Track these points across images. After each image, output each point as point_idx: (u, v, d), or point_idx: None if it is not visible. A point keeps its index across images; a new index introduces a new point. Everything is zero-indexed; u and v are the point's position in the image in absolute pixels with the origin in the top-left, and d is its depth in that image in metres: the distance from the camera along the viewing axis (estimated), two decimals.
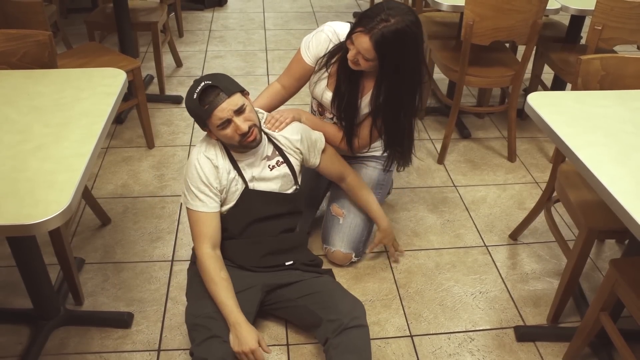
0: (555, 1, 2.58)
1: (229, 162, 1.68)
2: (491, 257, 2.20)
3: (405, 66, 1.72)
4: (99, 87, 1.65)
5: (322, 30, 1.90)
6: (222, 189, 1.66)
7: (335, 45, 1.87)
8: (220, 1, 4.79)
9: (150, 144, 2.80)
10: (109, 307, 1.92)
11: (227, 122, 1.57)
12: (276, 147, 1.76)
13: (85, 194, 2.18)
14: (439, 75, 3.39)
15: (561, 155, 1.91)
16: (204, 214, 1.64)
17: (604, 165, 1.35)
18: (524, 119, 3.15)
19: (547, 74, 3.15)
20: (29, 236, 1.63)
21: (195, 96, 1.55)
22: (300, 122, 1.87)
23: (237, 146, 1.63)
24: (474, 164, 2.77)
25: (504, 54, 2.82)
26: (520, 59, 2.61)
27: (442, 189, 2.58)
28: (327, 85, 1.95)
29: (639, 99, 1.67)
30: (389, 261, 2.15)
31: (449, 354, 1.80)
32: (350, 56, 1.73)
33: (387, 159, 2.01)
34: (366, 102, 1.90)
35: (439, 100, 3.27)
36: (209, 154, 1.65)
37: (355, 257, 2.08)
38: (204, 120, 1.59)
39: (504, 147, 2.90)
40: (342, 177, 1.98)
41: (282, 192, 1.77)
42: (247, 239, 1.76)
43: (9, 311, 1.89)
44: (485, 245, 2.26)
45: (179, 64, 3.69)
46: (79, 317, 1.86)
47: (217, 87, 1.55)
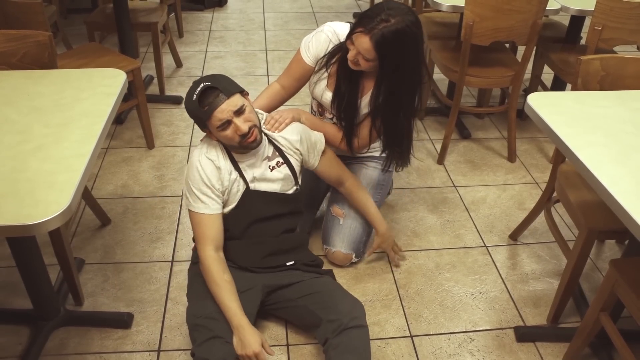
0: (555, 1, 2.58)
1: (230, 163, 1.67)
2: (491, 257, 2.20)
3: (405, 66, 1.72)
4: (99, 88, 1.65)
5: (322, 30, 1.91)
6: (224, 190, 1.66)
7: (335, 45, 1.88)
8: (220, 1, 4.79)
9: (150, 145, 2.80)
10: (109, 308, 1.92)
11: (227, 123, 1.56)
12: (276, 147, 1.76)
13: (85, 195, 2.18)
14: (439, 75, 3.39)
15: (561, 155, 1.91)
16: (207, 216, 1.64)
17: (604, 165, 1.35)
18: (524, 120, 3.15)
19: (547, 75, 3.15)
20: (29, 236, 1.63)
21: (194, 97, 1.55)
22: (299, 122, 1.87)
23: (237, 147, 1.63)
24: (474, 165, 2.77)
25: (503, 55, 2.82)
26: (520, 60, 2.61)
27: (442, 190, 2.58)
28: (326, 85, 1.95)
29: (639, 100, 1.67)
30: (389, 262, 2.15)
31: (449, 354, 1.80)
32: (350, 56, 1.73)
33: (386, 159, 2.01)
34: (366, 102, 1.90)
35: (438, 100, 3.27)
36: (211, 155, 1.65)
37: (355, 257, 2.08)
38: (204, 121, 1.58)
39: (504, 148, 2.90)
40: (340, 181, 1.98)
41: (283, 193, 1.77)
42: (249, 239, 1.75)
43: (9, 311, 1.89)
44: (485, 245, 2.26)
45: (179, 64, 3.69)
46: (78, 318, 1.86)
47: (217, 88, 1.55)
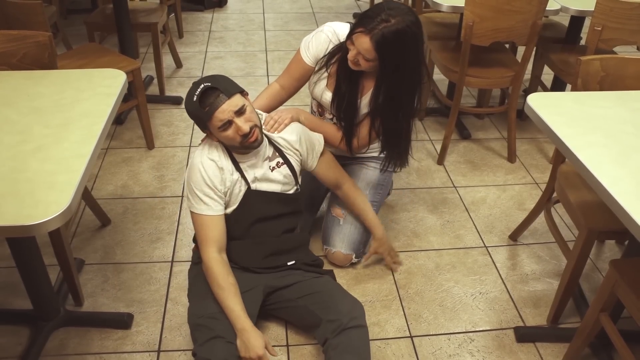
0: (555, 2, 2.58)
1: (231, 163, 1.67)
2: (491, 257, 2.20)
3: (405, 66, 1.72)
4: (98, 88, 1.65)
5: (322, 30, 1.91)
6: (226, 191, 1.66)
7: (335, 45, 1.88)
8: (220, 2, 4.79)
9: (150, 145, 2.80)
10: (109, 308, 1.92)
11: (228, 123, 1.56)
12: (276, 148, 1.76)
13: (85, 195, 2.18)
14: (438, 76, 3.39)
15: (561, 156, 1.91)
16: (209, 218, 1.64)
17: (604, 166, 1.35)
18: (524, 120, 3.15)
19: (547, 75, 3.15)
20: (29, 237, 1.63)
21: (195, 98, 1.54)
22: (299, 122, 1.87)
23: (238, 147, 1.62)
24: (473, 165, 2.77)
25: (503, 55, 2.82)
26: (520, 60, 2.61)
27: (442, 190, 2.58)
28: (326, 85, 1.95)
29: (639, 100, 1.67)
30: None
31: (449, 354, 1.80)
32: (350, 56, 1.73)
33: (384, 160, 2.01)
34: (366, 102, 1.90)
35: (438, 101, 3.28)
36: (212, 155, 1.65)
37: (355, 258, 2.08)
38: (205, 122, 1.58)
39: (504, 148, 2.90)
40: (338, 184, 1.98)
41: (284, 193, 1.77)
42: (250, 239, 1.75)
43: (9, 312, 1.89)
44: (485, 246, 2.26)
45: (178, 64, 3.69)
46: (78, 318, 1.86)
47: (217, 89, 1.55)
